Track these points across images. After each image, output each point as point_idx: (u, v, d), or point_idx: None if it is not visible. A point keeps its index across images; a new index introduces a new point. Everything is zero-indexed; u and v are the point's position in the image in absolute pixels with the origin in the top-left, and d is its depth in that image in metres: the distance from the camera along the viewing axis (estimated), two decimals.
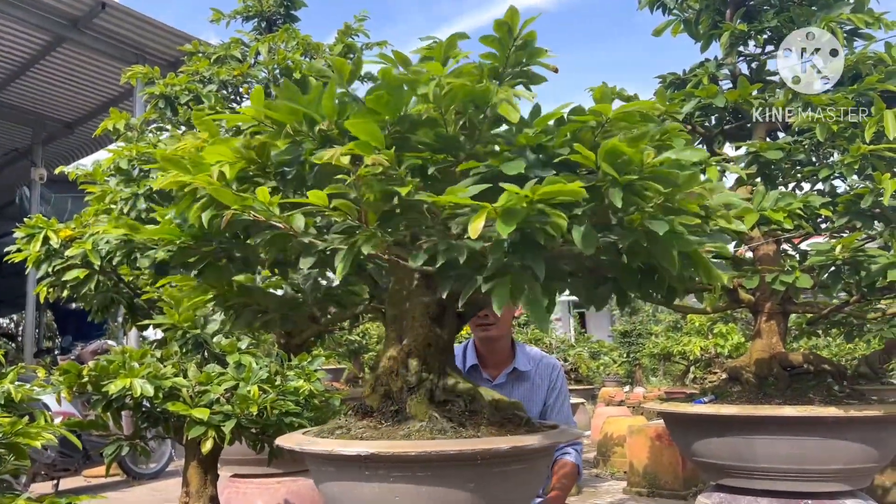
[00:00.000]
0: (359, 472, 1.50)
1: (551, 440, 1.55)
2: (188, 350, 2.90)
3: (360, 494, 1.52)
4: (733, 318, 7.93)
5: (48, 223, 3.50)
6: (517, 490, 1.53)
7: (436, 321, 1.76)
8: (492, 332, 2.55)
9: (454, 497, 1.46)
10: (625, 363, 14.63)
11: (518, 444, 1.46)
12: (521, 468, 1.52)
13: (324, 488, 1.64)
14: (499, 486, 1.49)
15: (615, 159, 1.26)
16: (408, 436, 1.54)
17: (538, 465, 1.59)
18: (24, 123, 11.29)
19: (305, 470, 4.23)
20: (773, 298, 3.04)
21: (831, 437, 2.66)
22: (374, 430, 1.61)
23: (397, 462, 1.45)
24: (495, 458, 1.45)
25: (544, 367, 2.61)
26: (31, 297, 11.45)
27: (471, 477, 1.45)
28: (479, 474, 1.46)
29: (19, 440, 1.83)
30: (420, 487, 1.45)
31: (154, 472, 6.54)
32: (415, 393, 1.67)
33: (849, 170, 2.41)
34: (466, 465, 1.44)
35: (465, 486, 1.45)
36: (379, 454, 1.44)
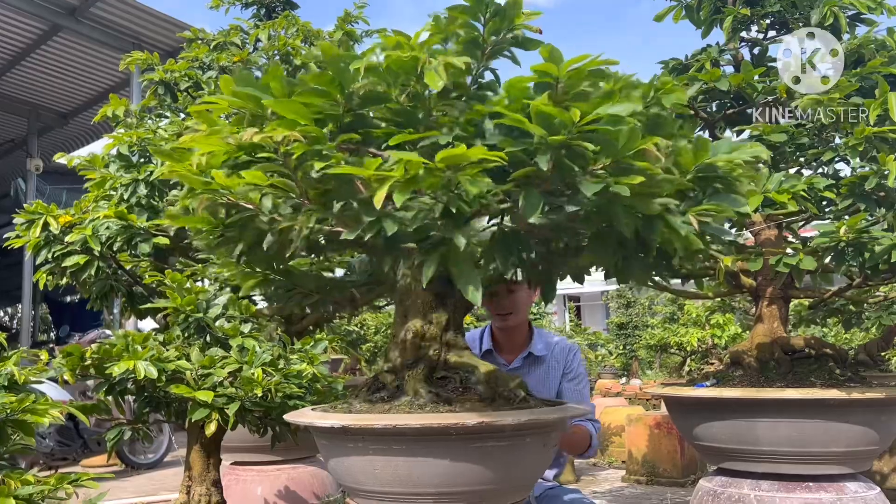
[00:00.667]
0: (343, 445, 1.55)
1: (530, 417, 1.51)
2: (191, 334, 2.89)
3: (348, 465, 1.57)
4: (731, 307, 7.95)
5: (48, 209, 3.48)
6: (501, 469, 1.51)
7: (438, 299, 1.76)
8: (510, 322, 2.55)
9: (430, 471, 1.47)
10: (621, 355, 14.66)
11: (487, 421, 1.44)
12: (503, 446, 1.50)
13: (328, 463, 1.66)
14: (478, 464, 1.48)
15: (544, 120, 1.21)
16: (388, 410, 1.55)
17: (525, 445, 1.55)
18: (19, 114, 11.23)
19: (305, 457, 4.23)
20: (774, 283, 3.05)
21: (833, 419, 2.67)
22: (369, 405, 1.62)
23: (369, 434, 1.47)
24: (466, 433, 1.44)
25: (560, 350, 2.60)
26: (28, 289, 11.41)
27: (444, 452, 1.46)
28: (454, 450, 1.46)
29: (26, 417, 1.82)
30: (395, 459, 1.47)
31: (152, 461, 6.53)
32: (412, 369, 1.68)
33: (853, 152, 2.41)
34: (439, 439, 1.45)
35: (440, 461, 1.46)
36: (349, 426, 1.48)
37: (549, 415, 1.58)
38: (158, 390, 2.68)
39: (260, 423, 2.81)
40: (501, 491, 1.56)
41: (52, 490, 1.73)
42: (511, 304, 2.52)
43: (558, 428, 1.76)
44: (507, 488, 1.58)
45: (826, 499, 2.73)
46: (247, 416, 2.68)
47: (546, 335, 2.67)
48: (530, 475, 1.66)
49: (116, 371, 2.41)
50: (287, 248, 1.48)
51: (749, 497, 2.83)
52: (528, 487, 1.68)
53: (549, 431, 1.64)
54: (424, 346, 1.71)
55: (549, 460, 1.69)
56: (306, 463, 4.21)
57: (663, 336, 9.37)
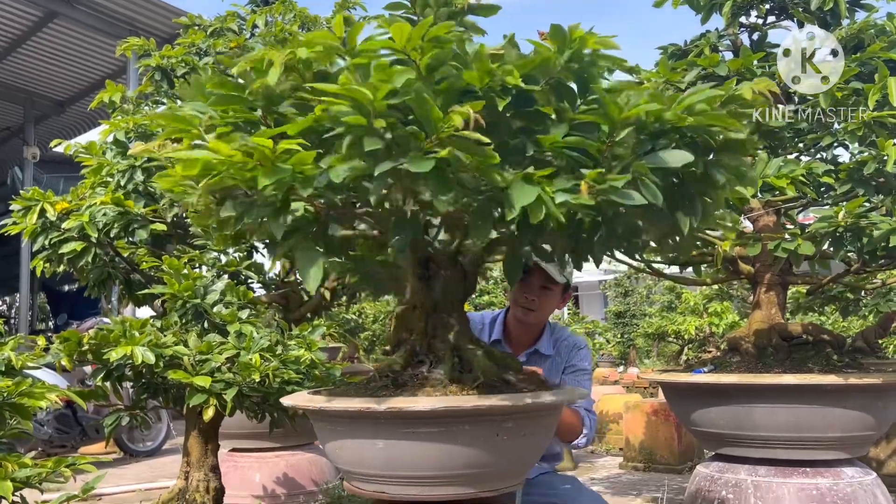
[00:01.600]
0: (345, 428, 1.56)
1: (534, 400, 1.50)
2: (188, 320, 2.89)
3: (349, 449, 1.58)
4: (729, 295, 7.96)
5: (44, 195, 3.46)
6: (502, 451, 1.51)
7: (422, 280, 1.75)
8: (530, 319, 2.47)
9: (433, 454, 1.47)
10: (619, 344, 14.68)
11: (496, 404, 1.44)
12: (509, 428, 1.50)
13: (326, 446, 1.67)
14: (480, 447, 1.48)
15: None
16: (390, 395, 1.55)
17: (527, 427, 1.55)
18: (15, 102, 11.18)
19: (304, 444, 4.24)
20: (772, 269, 3.05)
21: (830, 405, 2.68)
22: (365, 389, 1.63)
23: (374, 418, 1.47)
24: (473, 415, 1.45)
25: (566, 347, 2.53)
26: (25, 278, 11.40)
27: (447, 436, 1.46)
28: (456, 433, 1.46)
29: (24, 401, 1.82)
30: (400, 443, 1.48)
31: (150, 449, 6.55)
32: (397, 350, 1.69)
33: (852, 137, 2.40)
34: (442, 423, 1.45)
35: (443, 445, 1.46)
36: (323, 409, 1.52)
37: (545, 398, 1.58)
38: (156, 376, 2.68)
39: (258, 408, 2.81)
40: (500, 474, 1.56)
41: (49, 473, 1.73)
42: (541, 303, 2.44)
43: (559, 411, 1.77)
44: (506, 471, 1.58)
45: (823, 484, 2.74)
46: (245, 402, 2.69)
47: (557, 332, 2.58)
48: (531, 458, 1.66)
49: (114, 356, 2.41)
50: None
51: (746, 482, 2.84)
52: (526, 470, 1.68)
53: (549, 415, 1.65)
54: (405, 328, 1.73)
55: (547, 442, 1.69)
56: (305, 450, 4.22)
57: (661, 324, 9.37)
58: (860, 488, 2.76)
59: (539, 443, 1.62)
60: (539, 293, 2.43)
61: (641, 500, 4.21)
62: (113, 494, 4.68)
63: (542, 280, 2.41)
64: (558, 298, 2.50)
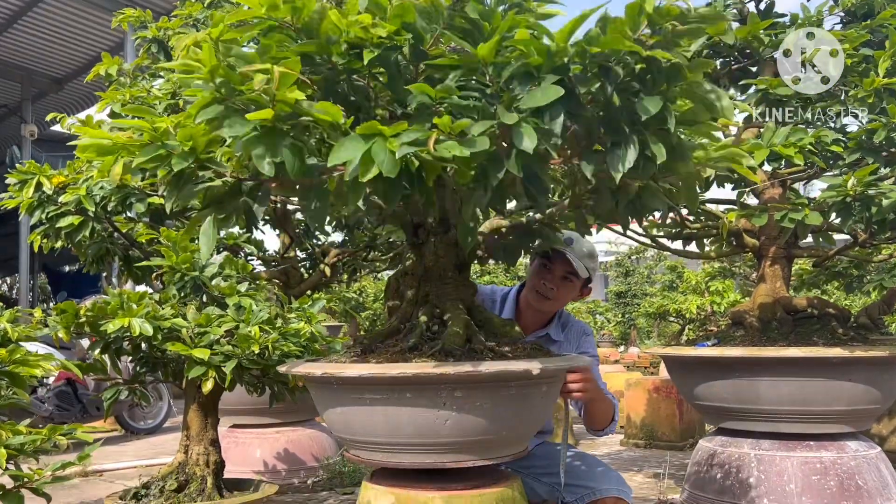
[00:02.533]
0: (332, 392, 1.55)
1: (546, 365, 1.48)
2: (187, 293, 2.86)
3: (351, 417, 1.56)
4: (731, 273, 7.93)
5: (41, 169, 3.42)
6: (506, 418, 1.50)
7: (413, 247, 1.72)
8: (545, 307, 2.39)
9: (433, 421, 1.45)
10: (619, 324, 14.68)
11: (500, 369, 1.42)
12: (510, 395, 1.49)
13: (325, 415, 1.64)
14: (488, 412, 1.46)
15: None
16: (390, 360, 1.53)
17: (532, 394, 1.54)
18: (12, 79, 11.09)
19: (305, 420, 4.23)
20: (778, 242, 3.01)
21: (835, 378, 2.66)
22: (365, 356, 1.60)
23: (380, 384, 1.46)
24: (468, 382, 1.43)
25: (575, 333, 2.47)
26: (25, 258, 11.38)
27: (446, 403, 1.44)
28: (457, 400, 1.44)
29: (18, 370, 1.79)
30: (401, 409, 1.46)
31: (151, 427, 6.55)
32: (413, 321, 1.65)
33: (861, 104, 2.36)
34: (442, 389, 1.43)
35: (448, 412, 1.44)
36: (328, 375, 1.49)
37: (554, 363, 1.56)
38: (155, 349, 2.65)
39: (258, 382, 2.79)
40: (504, 441, 1.54)
41: (44, 441, 1.71)
42: (560, 293, 2.35)
43: (560, 379, 1.74)
44: (509, 439, 1.55)
45: (826, 457, 2.73)
46: (244, 375, 2.66)
47: (566, 316, 2.52)
48: (531, 426, 1.64)
49: (111, 328, 2.38)
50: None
51: (749, 456, 2.82)
52: (528, 438, 1.66)
53: (553, 382, 1.62)
54: (396, 296, 1.70)
55: (548, 413, 1.67)
56: (305, 426, 4.21)
57: (662, 304, 9.35)
58: (864, 462, 2.75)
59: (511, 414, 1.52)
60: (559, 283, 2.34)
61: (643, 475, 4.20)
62: (114, 470, 4.68)
63: (564, 270, 2.31)
64: (577, 291, 2.41)
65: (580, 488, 2.22)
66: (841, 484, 2.67)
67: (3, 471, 1.62)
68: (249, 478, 3.09)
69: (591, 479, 2.23)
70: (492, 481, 1.57)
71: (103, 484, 4.23)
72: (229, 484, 2.86)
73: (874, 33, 2.61)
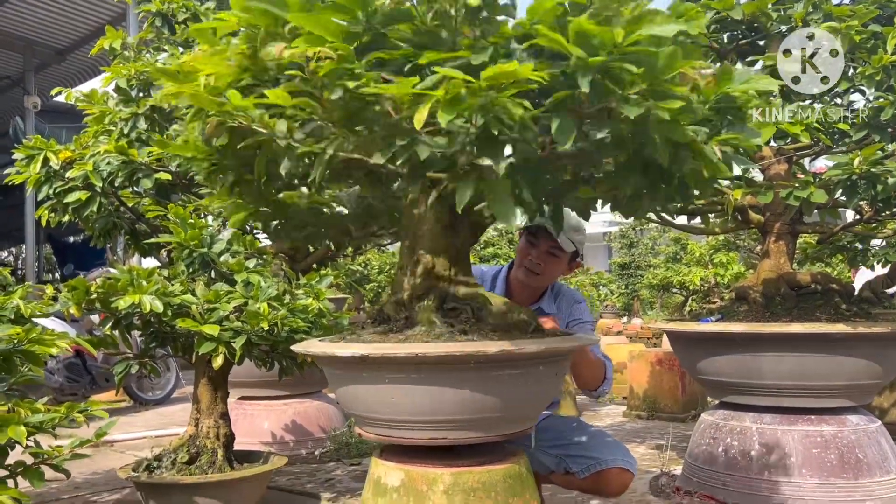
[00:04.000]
0: (359, 374, 1.55)
1: (548, 345, 1.52)
2: (195, 269, 2.88)
3: (362, 395, 1.58)
4: (736, 246, 7.94)
5: (47, 144, 3.43)
6: (515, 397, 1.53)
7: (448, 229, 1.73)
8: (533, 282, 2.41)
9: (448, 398, 1.47)
10: (623, 295, 14.71)
11: (510, 348, 1.44)
12: (519, 374, 1.52)
13: (337, 392, 1.66)
14: (494, 392, 1.49)
15: (583, 40, 1.15)
16: (406, 340, 1.53)
17: (538, 373, 1.57)
18: (15, 50, 11.01)
19: (313, 392, 4.28)
20: (783, 218, 3.02)
21: (837, 353, 2.68)
22: (381, 335, 1.61)
23: (390, 363, 1.47)
24: (488, 361, 1.45)
25: (567, 302, 2.49)
26: (31, 229, 11.41)
27: (462, 380, 1.47)
28: (473, 378, 1.47)
29: (34, 348, 1.82)
30: (414, 388, 1.48)
31: (160, 398, 6.63)
32: (423, 300, 1.65)
33: (869, 82, 2.35)
34: (459, 368, 1.46)
35: (458, 390, 1.47)
36: (369, 356, 1.47)
37: (565, 343, 1.58)
38: (164, 325, 2.69)
39: (267, 357, 2.83)
40: (513, 418, 1.57)
41: (62, 418, 1.75)
42: (546, 268, 2.37)
43: (570, 357, 1.76)
44: (518, 416, 1.59)
45: (827, 431, 2.77)
46: (253, 351, 2.70)
47: (557, 287, 2.54)
48: (541, 403, 1.67)
49: (122, 305, 2.41)
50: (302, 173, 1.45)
51: (751, 429, 2.86)
52: (536, 415, 1.69)
53: (563, 360, 1.65)
54: (434, 277, 1.69)
55: (558, 389, 1.70)
56: (313, 398, 4.27)
57: (666, 275, 9.37)
58: (864, 435, 2.79)
59: (560, 384, 1.61)
60: (546, 258, 2.35)
61: (645, 447, 4.26)
62: (124, 441, 4.76)
63: (549, 245, 2.33)
64: (565, 265, 2.42)
65: (586, 459, 2.26)
66: (841, 457, 2.72)
67: (24, 448, 1.66)
68: (258, 449, 3.14)
69: (597, 450, 2.27)
70: (499, 457, 1.60)
71: (114, 454, 4.30)
72: (239, 456, 2.92)
73: (883, 9, 2.59)
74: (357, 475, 3.62)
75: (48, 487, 3.47)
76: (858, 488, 2.69)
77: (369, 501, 1.60)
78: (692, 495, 2.97)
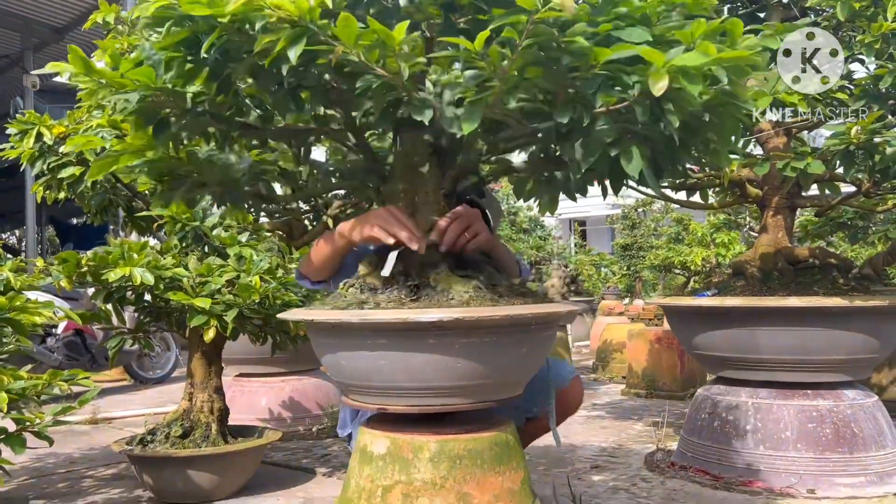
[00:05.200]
0: (349, 341, 1.52)
1: (549, 309, 1.54)
2: (188, 243, 2.87)
3: (350, 361, 1.55)
4: (737, 225, 7.90)
5: (41, 119, 3.41)
6: (509, 362, 1.54)
7: (448, 197, 1.71)
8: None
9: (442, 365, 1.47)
10: (625, 276, 14.68)
11: (514, 313, 1.46)
12: (519, 338, 1.53)
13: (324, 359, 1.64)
14: (488, 357, 1.50)
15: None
16: (466, 303, 1.49)
17: (535, 338, 1.58)
18: (12, 28, 10.95)
19: (309, 369, 4.28)
20: (780, 191, 2.99)
21: (835, 327, 2.66)
22: (400, 302, 1.53)
23: (385, 330, 1.45)
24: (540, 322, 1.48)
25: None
26: (31, 210, 11.40)
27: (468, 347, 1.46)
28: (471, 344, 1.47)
29: (19, 317, 1.81)
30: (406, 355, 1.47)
31: (160, 376, 6.64)
32: (438, 267, 1.62)
33: (868, 50, 2.31)
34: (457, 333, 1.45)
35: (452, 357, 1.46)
36: (463, 319, 1.41)
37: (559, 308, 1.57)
38: (157, 299, 2.68)
39: (260, 331, 2.82)
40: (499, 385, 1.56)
41: (44, 386, 1.74)
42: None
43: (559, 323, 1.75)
44: (505, 383, 1.57)
45: (823, 405, 2.75)
46: (246, 324, 2.69)
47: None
48: (533, 368, 1.66)
49: (112, 277, 2.40)
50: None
51: (747, 404, 2.85)
52: (523, 383, 1.68)
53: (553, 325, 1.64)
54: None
55: (544, 356, 1.68)
56: (310, 375, 4.26)
57: (667, 256, 9.33)
58: (860, 410, 2.77)
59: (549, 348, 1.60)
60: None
61: (642, 424, 4.25)
62: (122, 418, 4.77)
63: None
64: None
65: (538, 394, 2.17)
66: (836, 431, 2.70)
67: (5, 415, 1.65)
68: (254, 425, 3.15)
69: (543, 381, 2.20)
70: (486, 425, 1.59)
71: (112, 431, 4.31)
72: (234, 430, 2.92)
73: None
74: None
75: (44, 462, 3.48)
76: (853, 462, 2.68)
77: (355, 470, 1.59)
78: (687, 469, 2.96)
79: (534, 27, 1.16)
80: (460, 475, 1.48)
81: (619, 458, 3.35)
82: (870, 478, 2.67)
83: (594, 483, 2.93)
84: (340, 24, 1.22)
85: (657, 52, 1.17)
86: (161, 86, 1.44)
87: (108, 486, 3.03)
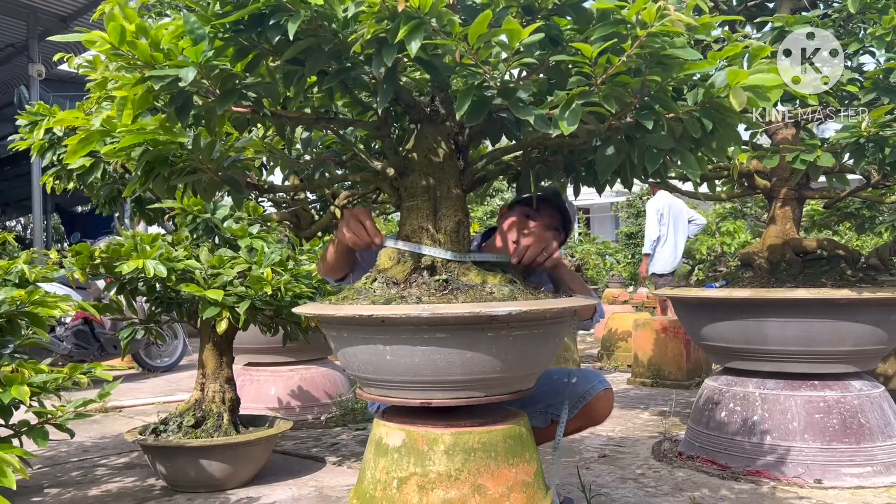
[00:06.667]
0: (348, 332, 1.55)
1: (570, 304, 1.57)
2: (199, 235, 2.89)
3: (367, 356, 1.55)
4: (743, 214, 7.89)
5: (50, 111, 3.42)
6: (523, 355, 1.56)
7: (466, 192, 1.72)
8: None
9: (459, 359, 1.48)
10: (629, 264, 14.69)
11: (534, 308, 1.47)
12: (539, 333, 1.55)
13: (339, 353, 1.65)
14: (506, 351, 1.51)
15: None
16: (512, 297, 1.52)
17: (550, 333, 1.60)
18: (17, 17, 10.93)
19: (318, 358, 4.31)
20: (789, 183, 3.00)
21: (842, 319, 2.68)
22: (439, 296, 1.54)
23: (407, 325, 1.46)
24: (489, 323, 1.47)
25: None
26: (38, 199, 11.42)
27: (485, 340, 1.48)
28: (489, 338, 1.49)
29: (37, 310, 1.83)
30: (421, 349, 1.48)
31: (168, 365, 6.69)
32: (462, 264, 1.63)
33: (879, 43, 2.31)
34: (475, 328, 1.46)
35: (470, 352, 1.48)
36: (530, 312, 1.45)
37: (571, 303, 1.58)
38: (169, 290, 2.70)
39: (271, 322, 2.84)
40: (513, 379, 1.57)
41: (65, 379, 1.76)
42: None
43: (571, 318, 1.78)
44: (519, 377, 1.59)
45: (830, 396, 2.77)
46: (257, 316, 2.71)
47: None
48: (542, 364, 1.67)
49: (125, 269, 2.42)
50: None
51: (754, 395, 2.87)
52: (535, 376, 1.69)
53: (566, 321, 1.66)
54: (464, 239, 1.68)
55: (558, 350, 1.70)
56: (319, 364, 4.29)
57: None
58: (867, 400, 2.79)
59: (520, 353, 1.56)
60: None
61: (649, 413, 4.28)
62: (132, 406, 4.81)
63: (549, 222, 2.14)
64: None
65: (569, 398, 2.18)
66: (843, 422, 2.72)
67: (28, 408, 1.67)
68: (264, 414, 3.17)
69: (575, 386, 2.21)
70: (500, 418, 1.61)
71: (123, 419, 4.36)
72: (245, 420, 2.95)
73: None
74: (362, 440, 3.65)
75: (57, 451, 3.52)
76: (860, 453, 2.70)
77: (370, 462, 1.61)
78: (694, 459, 2.99)
79: (647, 38, 1.23)
80: (475, 467, 1.50)
81: (627, 448, 3.38)
82: (876, 468, 2.70)
83: (602, 472, 2.95)
84: (479, 22, 1.21)
85: (743, 72, 1.28)
86: (221, 63, 1.39)
87: (121, 475, 3.07)
